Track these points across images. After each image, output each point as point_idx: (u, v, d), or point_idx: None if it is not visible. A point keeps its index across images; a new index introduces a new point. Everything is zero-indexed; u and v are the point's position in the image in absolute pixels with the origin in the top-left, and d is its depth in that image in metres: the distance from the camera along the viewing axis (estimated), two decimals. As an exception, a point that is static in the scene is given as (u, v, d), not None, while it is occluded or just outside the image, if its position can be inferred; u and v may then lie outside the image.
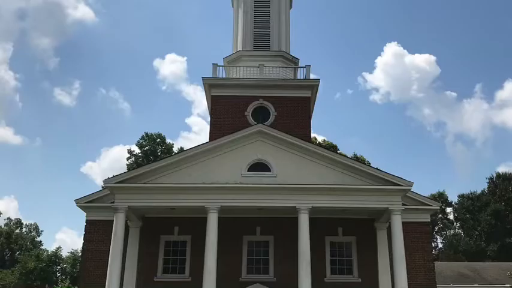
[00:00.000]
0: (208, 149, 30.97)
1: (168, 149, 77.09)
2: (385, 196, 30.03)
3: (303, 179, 30.14)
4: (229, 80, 38.82)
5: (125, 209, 29.78)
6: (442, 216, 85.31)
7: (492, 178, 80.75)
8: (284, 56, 40.47)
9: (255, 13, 42.01)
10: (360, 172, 30.63)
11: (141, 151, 76.74)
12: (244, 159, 30.84)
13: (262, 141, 31.27)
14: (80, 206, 33.84)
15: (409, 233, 32.36)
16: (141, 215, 32.90)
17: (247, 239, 33.35)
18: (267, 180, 30.29)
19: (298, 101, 37.94)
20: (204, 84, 38.28)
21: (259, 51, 40.64)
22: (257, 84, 37.81)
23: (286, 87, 38.09)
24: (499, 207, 74.04)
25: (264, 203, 30.11)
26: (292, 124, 36.59)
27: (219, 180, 30.06)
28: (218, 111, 37.63)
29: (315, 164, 30.80)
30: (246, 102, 37.57)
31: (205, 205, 29.53)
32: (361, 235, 33.38)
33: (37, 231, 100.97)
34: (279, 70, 39.33)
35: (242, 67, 39.42)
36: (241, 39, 41.25)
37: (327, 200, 29.88)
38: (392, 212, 29.75)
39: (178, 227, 33.34)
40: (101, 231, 33.43)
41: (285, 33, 41.89)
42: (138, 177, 30.41)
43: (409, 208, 32.53)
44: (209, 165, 30.63)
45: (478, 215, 76.56)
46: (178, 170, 30.66)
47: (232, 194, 29.82)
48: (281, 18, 41.93)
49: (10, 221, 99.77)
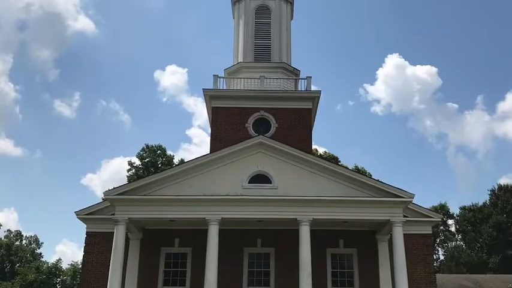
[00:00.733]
0: (208, 160, 30.90)
1: (169, 161, 76.94)
2: (386, 208, 29.95)
3: (304, 191, 30.06)
4: (229, 91, 38.82)
5: (125, 221, 29.68)
6: (444, 228, 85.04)
7: (494, 190, 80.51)
8: (285, 68, 40.47)
9: (255, 24, 42.07)
10: (361, 184, 30.55)
11: (141, 163, 76.59)
12: (245, 171, 30.76)
13: (263, 153, 31.20)
14: (80, 217, 33.71)
15: (410, 245, 32.28)
16: (142, 226, 32.78)
17: (248, 251, 33.19)
18: (268, 192, 30.20)
19: (299, 112, 37.91)
20: (204, 95, 38.27)
21: (260, 63, 40.67)
22: (258, 96, 37.78)
23: (287, 98, 38.07)
24: (501, 219, 73.78)
25: (264, 215, 30.01)
26: (293, 136, 36.56)
27: (220, 192, 29.98)
28: (219, 123, 37.59)
29: (316, 175, 30.73)
30: (246, 114, 37.53)
31: (206, 217, 29.44)
32: (362, 247, 33.21)
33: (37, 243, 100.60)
34: (279, 82, 39.30)
35: (243, 78, 39.41)
36: (242, 50, 41.25)
37: (328, 212, 29.81)
38: (393, 224, 29.65)
39: (178, 238, 33.21)
40: (101, 243, 33.29)
41: (286, 45, 41.91)
42: (139, 189, 30.33)
43: (411, 220, 32.30)
44: (210, 177, 30.55)
45: (480, 227, 76.29)
46: (178, 181, 30.59)
47: (233, 206, 29.74)
48: (282, 29, 41.97)
49: (10, 232, 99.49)
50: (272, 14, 42.34)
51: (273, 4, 42.59)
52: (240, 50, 41.55)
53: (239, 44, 42.09)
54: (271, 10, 42.47)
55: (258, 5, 42.61)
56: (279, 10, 42.42)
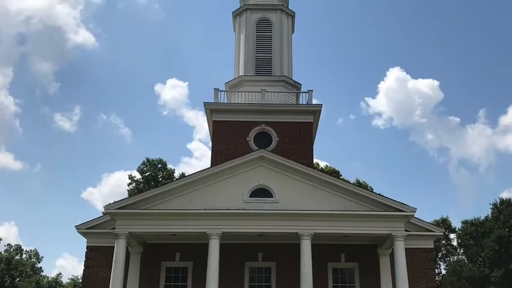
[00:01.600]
0: (209, 174, 30.82)
1: (169, 175, 76.81)
2: (388, 222, 29.84)
3: (305, 205, 29.96)
4: (230, 105, 38.79)
5: (125, 235, 29.57)
6: (446, 243, 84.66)
7: (496, 204, 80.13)
8: (286, 81, 40.47)
9: (256, 38, 42.11)
10: (362, 198, 30.45)
11: (142, 177, 76.45)
12: (246, 185, 30.68)
13: (264, 167, 31.12)
14: (80, 232, 33.59)
15: (412, 259, 32.20)
16: (142, 241, 32.65)
17: (249, 265, 33.05)
18: (269, 206, 30.09)
19: (301, 126, 37.88)
20: (205, 109, 38.25)
21: (261, 76, 40.68)
22: (259, 110, 37.76)
23: (288, 112, 38.05)
24: (503, 233, 73.40)
25: (266, 229, 29.90)
26: (295, 149, 36.52)
27: (221, 206, 29.89)
28: (220, 137, 37.55)
29: (317, 189, 30.65)
30: (247, 128, 37.51)
31: (207, 231, 29.33)
32: (363, 261, 33.06)
33: (37, 257, 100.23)
34: (281, 95, 39.29)
35: (244, 92, 39.42)
36: (243, 64, 41.25)
37: (329, 226, 29.70)
38: (395, 238, 29.55)
39: (179, 253, 33.07)
40: (101, 258, 33.14)
41: (287, 58, 41.95)
42: (139, 203, 30.23)
43: (412, 234, 32.19)
44: (210, 191, 30.46)
45: (482, 241, 75.93)
46: (179, 195, 30.50)
47: (234, 220, 29.65)
48: (283, 43, 42.00)
49: (10, 247, 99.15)
50: (273, 27, 42.39)
51: (274, 17, 42.67)
52: (241, 64, 41.57)
53: (240, 57, 42.12)
54: (272, 23, 42.53)
55: (259, 18, 42.69)
56: (280, 23, 42.48)
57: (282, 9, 42.90)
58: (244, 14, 42.88)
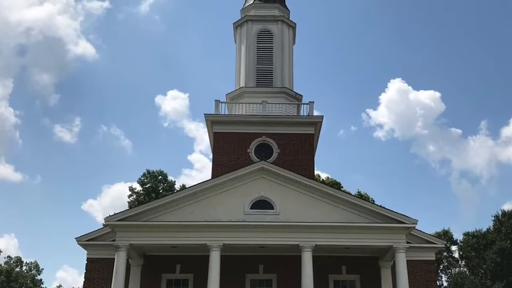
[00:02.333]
0: (210, 186, 30.76)
1: (170, 187, 76.59)
2: (389, 234, 29.78)
3: (306, 217, 29.89)
4: (231, 116, 38.74)
5: (126, 247, 29.50)
6: (447, 255, 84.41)
7: (498, 216, 79.95)
8: (287, 93, 40.43)
9: (257, 49, 42.07)
10: (363, 210, 30.38)
11: (142, 188, 76.21)
12: (246, 196, 30.62)
13: (265, 179, 31.06)
14: (80, 244, 33.51)
15: (413, 271, 32.13)
16: (143, 253, 32.55)
17: (250, 278, 32.93)
18: (270, 218, 30.02)
19: (302, 137, 37.84)
20: (206, 121, 38.22)
21: (262, 88, 40.62)
22: (260, 121, 37.72)
23: (289, 124, 38.02)
24: (505, 245, 73.15)
25: (267, 241, 29.85)
26: (296, 161, 36.48)
27: (222, 218, 29.82)
28: (220, 148, 37.51)
29: (319, 201, 30.58)
30: (248, 139, 37.47)
31: (208, 243, 29.26)
32: (365, 273, 32.95)
33: (37, 269, 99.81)
34: (282, 107, 39.27)
35: (245, 103, 39.39)
36: (244, 75, 41.23)
37: (330, 238, 29.66)
38: (396, 250, 29.48)
39: (180, 265, 32.96)
40: (102, 270, 33.05)
41: (288, 69, 41.93)
42: (140, 215, 30.16)
43: (414, 246, 32.11)
44: (211, 203, 30.40)
45: (484, 253, 75.70)
46: (180, 207, 30.44)
47: (234, 232, 29.60)
48: (284, 54, 41.98)
49: (10, 259, 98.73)
50: (274, 38, 42.37)
51: (275, 28, 42.65)
52: (242, 75, 41.53)
53: (241, 68, 42.08)
54: (273, 34, 42.50)
55: (260, 29, 42.67)
56: (281, 34, 42.47)
57: (283, 21, 42.89)
58: (245, 25, 42.89)
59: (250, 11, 43.61)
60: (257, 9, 43.52)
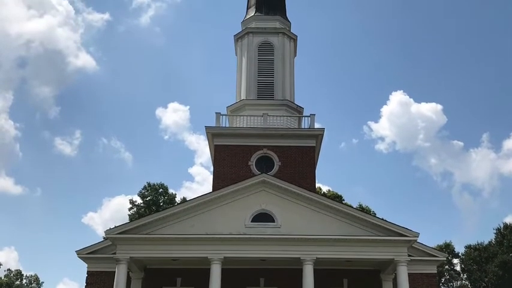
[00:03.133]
0: (211, 199, 30.69)
1: (171, 199, 76.51)
2: (390, 247, 29.71)
3: (307, 230, 29.81)
4: (232, 129, 38.68)
5: (126, 260, 29.42)
6: (449, 268, 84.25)
7: (499, 229, 79.95)
8: (288, 105, 40.36)
9: (258, 61, 41.96)
10: (365, 223, 30.29)
11: (143, 201, 76.13)
12: (247, 209, 30.53)
13: (266, 192, 30.98)
14: (81, 257, 33.40)
15: (415, 284, 32.06)
16: (143, 266, 32.43)
17: (250, 291, 32.76)
18: (271, 231, 29.94)
19: (303, 150, 37.76)
20: (207, 133, 38.17)
21: (263, 100, 40.56)
22: (261, 134, 37.65)
23: (291, 136, 37.95)
24: (507, 258, 73.04)
25: (268, 254, 29.76)
26: (297, 174, 36.39)
27: (222, 231, 29.73)
28: (221, 161, 37.44)
29: (320, 214, 30.50)
30: (249, 152, 37.40)
31: (208, 256, 29.18)
32: (366, 286, 32.77)
33: (38, 282, 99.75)
34: (283, 119, 39.22)
35: (246, 116, 39.32)
36: (245, 87, 41.17)
37: (331, 251, 29.58)
38: (398, 263, 29.41)
39: (181, 278, 32.80)
40: (102, 283, 32.93)
41: (289, 82, 41.88)
42: (140, 227, 30.08)
43: (415, 259, 31.98)
44: (212, 216, 30.33)
45: (485, 266, 75.57)
46: (180, 220, 30.36)
47: (235, 245, 29.52)
48: (285, 66, 41.93)
49: (10, 272, 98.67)
50: (275, 50, 42.30)
51: (276, 41, 42.61)
52: (243, 87, 41.48)
53: (242, 81, 42.02)
54: (274, 47, 42.44)
55: (261, 41, 42.61)
56: (282, 47, 42.43)
57: (284, 33, 42.85)
58: (246, 38, 42.85)
59: (251, 23, 43.58)
60: (258, 22, 43.47)
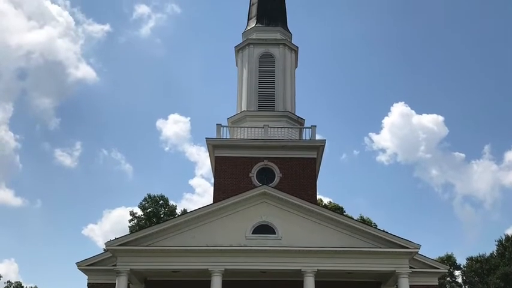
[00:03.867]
0: (211, 211, 30.63)
1: (171, 211, 76.33)
2: (392, 259, 29.65)
3: (308, 242, 29.73)
4: (233, 141, 38.64)
5: (127, 272, 29.36)
6: (450, 280, 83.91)
7: (501, 240, 79.70)
8: (289, 117, 40.33)
9: (259, 73, 41.92)
10: (366, 234, 30.22)
11: (143, 213, 75.95)
12: (248, 221, 30.47)
13: (267, 203, 30.92)
14: (81, 268, 33.31)
15: (417, 296, 31.82)
16: (144, 278, 32.30)
17: (251, 303, 32.60)
18: (272, 242, 29.86)
19: (304, 162, 37.71)
20: (207, 145, 38.14)
21: (264, 112, 40.54)
22: (262, 145, 37.62)
23: (292, 148, 37.90)
24: (509, 270, 72.76)
25: (268, 265, 29.70)
26: (298, 186, 36.33)
27: (223, 242, 29.65)
28: (222, 173, 37.38)
29: (321, 226, 30.43)
30: (250, 164, 37.36)
31: (209, 268, 29.11)
32: (368, 299, 32.65)
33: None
34: (284, 131, 39.18)
35: (246, 127, 39.30)
36: (246, 99, 41.16)
37: (332, 263, 29.54)
38: (399, 275, 29.37)
39: (181, 290, 32.67)
40: (102, 295, 32.83)
41: (290, 93, 41.85)
42: (141, 239, 30.00)
43: (417, 271, 31.91)
44: (213, 228, 30.26)
45: (487, 278, 75.29)
46: (181, 232, 30.30)
47: (236, 257, 29.47)
48: (286, 77, 41.89)
49: (10, 284, 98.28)
50: (276, 62, 42.27)
51: (277, 52, 42.58)
52: (244, 99, 41.46)
53: (243, 92, 42.00)
54: (275, 58, 42.41)
55: (261, 52, 42.57)
56: (283, 58, 42.41)
57: (285, 44, 42.85)
58: (246, 49, 42.84)
59: (252, 35, 43.58)
60: (259, 33, 43.44)
